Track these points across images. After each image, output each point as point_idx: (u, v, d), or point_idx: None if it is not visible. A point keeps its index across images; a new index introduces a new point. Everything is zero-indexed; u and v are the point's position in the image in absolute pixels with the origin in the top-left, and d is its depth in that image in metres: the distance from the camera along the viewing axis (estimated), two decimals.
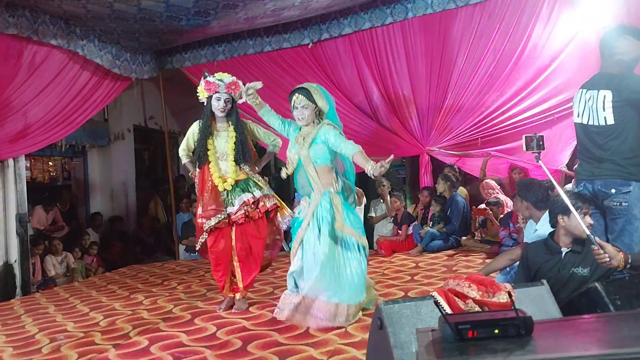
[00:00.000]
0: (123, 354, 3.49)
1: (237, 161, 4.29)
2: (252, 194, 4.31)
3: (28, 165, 7.73)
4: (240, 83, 4.32)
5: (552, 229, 3.30)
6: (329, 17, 6.84)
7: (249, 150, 4.38)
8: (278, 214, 4.50)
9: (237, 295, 4.39)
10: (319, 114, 3.99)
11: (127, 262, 7.70)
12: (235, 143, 4.28)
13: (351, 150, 3.74)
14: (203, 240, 4.33)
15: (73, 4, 5.56)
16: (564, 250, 3.15)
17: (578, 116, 3.59)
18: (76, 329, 4.20)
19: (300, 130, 4.05)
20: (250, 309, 4.40)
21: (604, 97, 3.41)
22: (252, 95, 4.12)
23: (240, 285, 4.37)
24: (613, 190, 3.43)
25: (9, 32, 5.38)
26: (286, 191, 8.76)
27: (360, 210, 6.95)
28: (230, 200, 4.27)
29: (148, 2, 5.60)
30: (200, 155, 4.30)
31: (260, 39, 7.21)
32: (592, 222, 3.12)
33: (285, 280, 4.68)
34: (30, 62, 5.83)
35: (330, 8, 6.59)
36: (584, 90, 3.57)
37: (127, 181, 9.35)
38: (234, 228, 4.31)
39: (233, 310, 4.34)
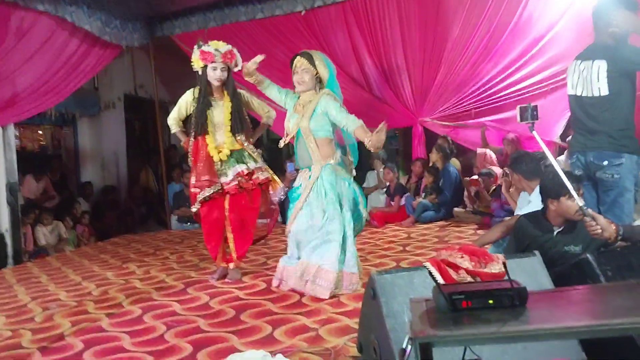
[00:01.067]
0: (116, 322, 3.51)
1: (234, 131, 4.25)
2: (247, 165, 4.30)
3: (17, 133, 7.62)
4: (236, 51, 4.27)
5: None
6: None
7: (244, 120, 4.34)
8: (270, 187, 4.47)
9: (231, 265, 4.39)
10: (319, 82, 3.91)
11: (119, 232, 7.69)
12: (231, 113, 4.23)
13: (352, 125, 3.70)
14: (196, 210, 4.32)
15: None
16: (556, 229, 3.14)
17: (572, 88, 3.58)
18: (69, 298, 4.20)
19: (298, 98, 3.97)
20: (244, 278, 4.42)
21: (599, 67, 3.39)
22: (253, 73, 4.00)
23: (234, 255, 4.36)
24: (605, 162, 3.44)
25: None
26: (279, 162, 8.72)
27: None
28: (224, 171, 4.25)
29: None
30: (200, 125, 4.22)
31: (252, 6, 7.08)
32: (582, 202, 3.10)
33: (279, 251, 4.72)
34: (18, 28, 5.70)
35: None
36: (578, 62, 3.55)
37: (118, 151, 9.28)
38: (227, 198, 4.28)
39: (226, 280, 4.35)
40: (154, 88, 8.35)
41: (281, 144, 4.05)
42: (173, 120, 4.48)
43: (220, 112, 4.24)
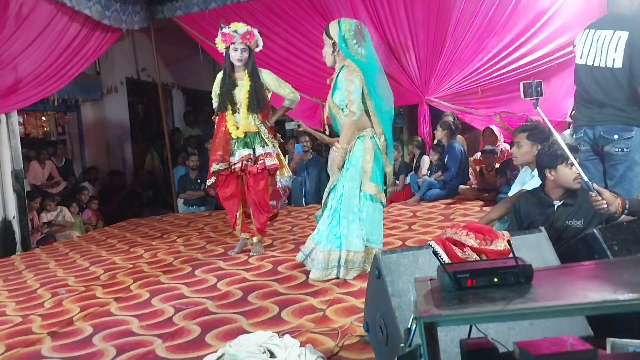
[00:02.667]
0: (125, 306, 3.53)
1: (251, 110, 4.39)
2: (254, 150, 4.44)
3: (21, 120, 7.62)
4: (256, 32, 4.41)
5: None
6: None
7: (262, 99, 4.44)
8: (278, 172, 4.61)
9: (255, 239, 4.64)
10: (339, 53, 3.70)
11: (126, 216, 7.72)
12: (249, 91, 4.37)
13: (344, 115, 3.64)
14: (211, 182, 4.58)
15: None
16: (556, 203, 3.10)
17: (581, 57, 3.50)
18: (77, 284, 4.23)
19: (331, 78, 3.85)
20: (250, 260, 4.43)
21: (619, 37, 3.33)
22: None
23: (254, 229, 4.63)
24: (616, 136, 3.40)
25: None
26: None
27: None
28: (234, 151, 4.46)
29: None
30: (222, 103, 4.44)
31: None
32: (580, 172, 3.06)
33: (284, 232, 4.73)
34: (17, 13, 5.66)
35: None
36: (592, 30, 3.46)
37: (122, 135, 9.28)
38: (243, 176, 4.54)
39: (250, 254, 4.54)
40: (156, 71, 8.32)
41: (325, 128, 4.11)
42: (214, 99, 4.65)
43: (240, 91, 4.40)
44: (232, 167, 4.46)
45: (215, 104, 4.63)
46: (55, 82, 6.47)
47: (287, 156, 7.69)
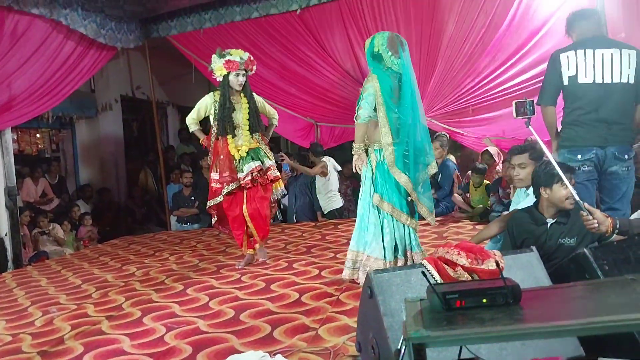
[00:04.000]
0: (116, 325, 3.51)
1: (252, 130, 4.70)
2: (262, 162, 4.74)
3: (15, 137, 7.63)
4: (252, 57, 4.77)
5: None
6: None
7: (261, 120, 4.82)
8: (276, 184, 4.95)
9: (257, 246, 4.89)
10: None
11: (118, 234, 7.69)
12: (249, 114, 4.68)
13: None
14: (216, 203, 4.77)
15: None
16: (550, 221, 3.13)
17: (586, 75, 3.50)
18: (69, 302, 4.21)
19: None
20: (242, 278, 4.42)
21: (629, 55, 3.44)
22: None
23: (257, 237, 4.83)
24: (626, 156, 3.48)
25: None
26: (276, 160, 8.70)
27: (335, 180, 7.01)
28: (240, 167, 4.66)
29: None
30: (223, 128, 4.63)
31: (248, 6, 7.05)
32: (575, 192, 3.09)
33: (278, 250, 4.74)
34: (12, 32, 5.70)
35: None
36: (590, 50, 3.49)
37: (116, 152, 9.27)
38: (245, 192, 4.74)
39: (256, 260, 4.89)
40: (151, 89, 8.35)
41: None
42: (191, 119, 4.85)
43: (239, 113, 4.66)
44: (242, 182, 4.65)
45: (193, 127, 4.86)
46: (50, 99, 6.49)
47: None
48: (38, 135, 8.82)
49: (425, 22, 6.42)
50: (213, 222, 5.00)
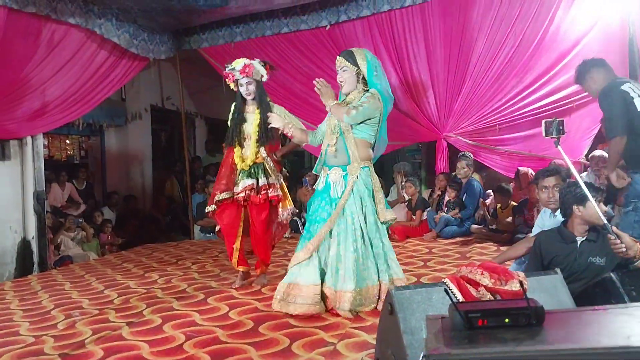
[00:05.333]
0: (136, 331, 3.54)
1: (260, 142, 4.47)
2: (258, 179, 4.48)
3: (46, 143, 7.80)
4: (255, 63, 4.45)
5: None
6: None
7: (272, 132, 4.49)
8: (280, 204, 4.64)
9: (258, 272, 4.70)
10: (364, 81, 3.77)
11: (143, 241, 7.78)
12: (258, 125, 4.44)
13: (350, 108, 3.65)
14: (211, 210, 4.61)
15: None
16: (580, 239, 3.11)
17: None
18: (91, 306, 4.26)
19: (341, 100, 3.85)
20: (263, 290, 4.43)
21: None
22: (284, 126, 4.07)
23: (259, 261, 4.67)
24: None
25: (27, 10, 5.39)
26: (299, 174, 8.73)
27: None
28: (238, 181, 4.50)
29: None
30: (231, 138, 4.55)
31: (278, 21, 7.15)
32: (606, 209, 3.09)
33: None
34: (49, 40, 5.85)
35: None
36: (636, 83, 3.79)
37: (143, 161, 9.41)
38: (246, 207, 4.56)
39: (253, 285, 4.61)
40: (181, 100, 8.47)
41: (331, 150, 3.81)
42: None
43: (250, 124, 4.49)
44: (236, 197, 4.49)
45: None
46: (82, 107, 6.62)
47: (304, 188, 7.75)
48: (68, 142, 9.00)
49: (454, 40, 6.43)
50: (216, 230, 4.88)
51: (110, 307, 4.20)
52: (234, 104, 4.65)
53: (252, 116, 4.49)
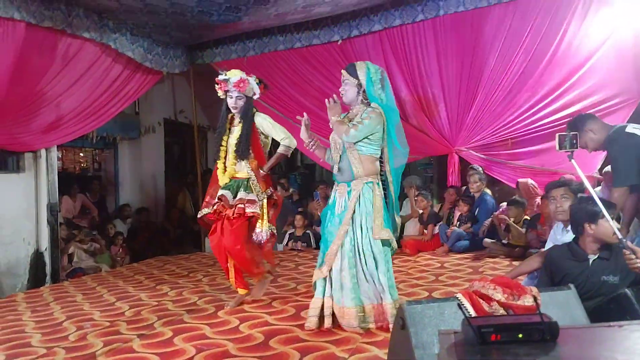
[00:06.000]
0: (147, 344, 3.54)
1: (238, 155, 4.31)
2: (236, 193, 4.31)
3: (59, 155, 7.87)
4: (251, 80, 4.35)
5: None
6: (359, 14, 6.81)
7: (252, 147, 4.32)
8: (257, 223, 4.38)
9: (240, 291, 4.48)
10: (365, 94, 3.73)
11: (154, 253, 7.80)
12: (238, 138, 4.30)
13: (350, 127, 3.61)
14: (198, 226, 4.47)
15: None
16: (592, 257, 3.06)
17: None
18: (102, 318, 4.27)
19: (344, 117, 3.81)
20: (273, 303, 4.42)
21: None
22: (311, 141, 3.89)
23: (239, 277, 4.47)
24: None
25: (44, 24, 5.48)
26: (311, 187, 8.74)
27: None
28: (216, 195, 4.39)
29: None
30: (215, 151, 4.47)
31: (291, 35, 7.22)
32: (619, 226, 3.05)
33: (309, 276, 4.67)
34: (64, 54, 5.94)
35: (361, 5, 6.56)
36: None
37: (156, 174, 9.47)
38: (220, 223, 4.34)
39: (250, 298, 4.48)
40: (193, 113, 8.54)
41: (335, 168, 3.80)
42: None
43: (234, 137, 4.35)
44: (212, 208, 4.35)
45: None
46: (96, 119, 6.69)
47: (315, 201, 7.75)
48: (82, 154, 9.08)
49: (466, 54, 6.45)
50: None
51: (121, 319, 4.21)
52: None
53: (236, 129, 4.35)
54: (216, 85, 4.37)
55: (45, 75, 5.83)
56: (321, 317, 3.69)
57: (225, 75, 4.33)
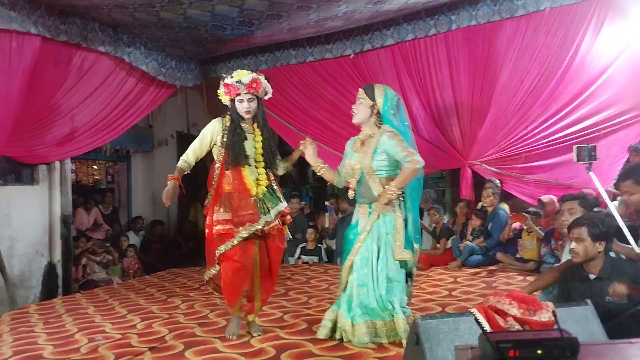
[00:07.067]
0: (158, 357, 3.53)
1: (267, 166, 3.92)
2: (283, 203, 3.99)
3: (73, 168, 7.92)
4: (263, 79, 3.88)
5: None
6: (372, 28, 6.84)
7: (276, 154, 4.02)
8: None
9: (250, 317, 3.94)
10: (378, 116, 3.71)
11: (166, 266, 7.80)
12: (263, 147, 3.87)
13: (405, 163, 3.56)
14: (227, 249, 3.72)
15: (121, 12, 5.71)
16: (592, 276, 3.01)
17: None
18: (114, 331, 4.26)
19: (355, 140, 3.83)
20: (285, 317, 4.39)
21: None
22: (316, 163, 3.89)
23: (258, 304, 3.95)
24: None
25: (59, 38, 5.55)
26: (324, 200, 8.71)
27: None
28: (263, 208, 3.82)
29: (194, 11, 5.70)
30: (236, 157, 3.79)
31: (303, 50, 7.26)
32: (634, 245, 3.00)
33: (321, 290, 4.64)
34: (79, 67, 6.00)
35: (374, 19, 6.58)
36: None
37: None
38: (258, 240, 3.86)
39: (254, 335, 3.88)
40: None
41: (350, 194, 3.80)
42: (192, 150, 4.20)
43: (251, 144, 3.85)
44: (267, 227, 3.78)
45: (183, 158, 4.22)
46: (109, 132, 6.75)
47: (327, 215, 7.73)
48: (95, 167, 9.13)
49: (478, 69, 6.44)
50: (210, 275, 3.96)
51: (132, 331, 4.20)
52: (221, 119, 4.00)
53: (251, 135, 3.87)
54: (222, 90, 3.89)
55: (60, 88, 5.90)
56: (333, 329, 3.67)
57: (233, 77, 3.81)
